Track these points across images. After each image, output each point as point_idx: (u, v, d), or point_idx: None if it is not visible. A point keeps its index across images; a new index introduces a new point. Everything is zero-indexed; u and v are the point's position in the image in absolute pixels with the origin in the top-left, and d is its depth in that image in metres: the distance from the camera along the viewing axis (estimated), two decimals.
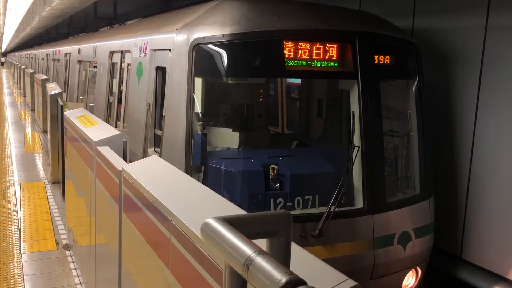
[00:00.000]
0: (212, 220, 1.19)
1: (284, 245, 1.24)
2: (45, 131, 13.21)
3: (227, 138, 4.54)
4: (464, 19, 5.29)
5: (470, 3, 5.21)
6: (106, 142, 3.82)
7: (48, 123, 9.48)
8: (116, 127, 6.83)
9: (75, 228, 5.34)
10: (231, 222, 1.17)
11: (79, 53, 11.49)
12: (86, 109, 6.75)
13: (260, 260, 0.98)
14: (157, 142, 5.11)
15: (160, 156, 4.43)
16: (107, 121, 7.59)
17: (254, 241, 1.12)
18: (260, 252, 1.01)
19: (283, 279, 0.89)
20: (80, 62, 11.55)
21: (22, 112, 18.78)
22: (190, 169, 4.18)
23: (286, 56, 4.18)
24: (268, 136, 5.97)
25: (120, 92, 7.12)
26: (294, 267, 1.22)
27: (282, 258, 1.21)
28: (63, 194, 7.14)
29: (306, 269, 1.47)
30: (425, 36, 5.74)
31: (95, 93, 8.95)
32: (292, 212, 3.05)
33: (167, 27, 5.14)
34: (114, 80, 7.59)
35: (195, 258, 1.89)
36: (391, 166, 4.97)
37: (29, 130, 14.61)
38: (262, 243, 1.21)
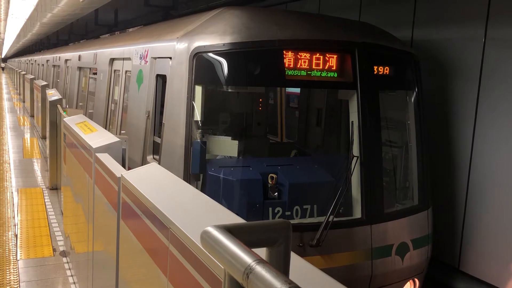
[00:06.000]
0: (212, 228, 1.19)
1: (284, 254, 1.24)
2: (43, 137, 13.21)
3: (226, 146, 4.55)
4: (463, 30, 5.33)
5: (470, 14, 5.25)
6: (105, 149, 3.82)
7: (47, 129, 9.48)
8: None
9: (72, 234, 5.32)
10: (231, 230, 1.18)
11: (79, 59, 11.53)
12: (85, 115, 6.75)
13: (260, 269, 0.98)
14: (156, 149, 5.12)
15: (159, 164, 4.43)
16: (107, 128, 7.59)
17: (253, 249, 1.12)
18: (260, 261, 1.01)
19: None
20: (80, 68, 11.58)
21: (21, 117, 18.78)
22: (189, 177, 4.18)
23: (286, 65, 4.20)
24: (267, 144, 5.98)
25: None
26: (293, 276, 1.22)
27: (281, 267, 1.21)
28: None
29: (305, 279, 1.47)
30: (424, 47, 5.78)
31: (94, 100, 8.97)
32: (291, 222, 3.04)
33: (168, 35, 5.17)
34: (115, 87, 7.61)
35: (193, 267, 1.89)
36: (390, 177, 4.98)
37: (27, 136, 14.60)
38: (261, 252, 1.22)
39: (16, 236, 6.35)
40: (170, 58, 4.74)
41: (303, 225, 4.11)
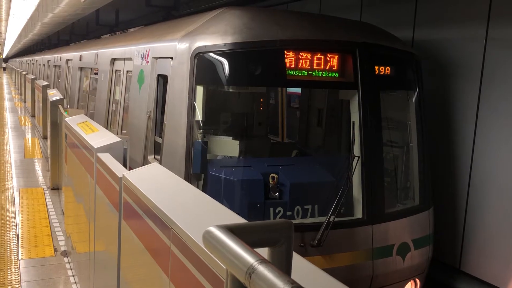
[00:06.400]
0: (214, 228, 1.19)
1: (285, 254, 1.25)
2: (45, 137, 13.22)
3: (227, 146, 4.55)
4: (464, 30, 5.33)
5: (471, 14, 5.25)
6: (107, 148, 3.82)
7: (48, 129, 9.49)
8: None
9: (73, 234, 5.33)
10: (233, 230, 1.18)
11: (80, 59, 11.54)
12: (86, 115, 6.76)
13: (262, 269, 0.98)
14: (157, 149, 5.12)
15: (160, 164, 4.44)
16: (108, 128, 7.60)
17: (255, 249, 1.13)
18: (262, 260, 1.02)
19: (286, 287, 0.90)
20: (81, 69, 11.59)
21: (22, 117, 18.80)
22: (190, 177, 4.18)
23: (287, 65, 4.20)
24: (268, 144, 5.98)
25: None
26: (295, 276, 1.22)
27: (283, 267, 1.21)
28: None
29: (307, 279, 1.48)
30: (425, 47, 5.78)
31: (95, 100, 8.98)
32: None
33: (169, 35, 5.18)
34: (116, 87, 7.62)
35: (195, 267, 1.89)
36: (391, 177, 4.98)
37: (29, 136, 14.61)
38: (263, 252, 1.22)
39: (18, 236, 6.35)
40: (171, 58, 4.74)
41: (304, 225, 4.11)
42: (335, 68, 4.34)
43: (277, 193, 4.26)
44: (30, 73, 28.80)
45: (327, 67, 4.31)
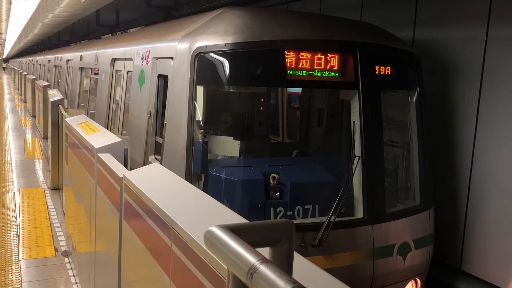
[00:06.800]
0: (216, 228, 1.19)
1: (286, 254, 1.25)
2: (45, 137, 13.23)
3: (227, 146, 4.55)
4: (464, 30, 5.33)
5: (471, 14, 5.25)
6: (107, 149, 3.83)
7: (49, 129, 9.50)
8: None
9: (74, 235, 5.33)
10: (234, 230, 1.18)
11: (80, 60, 11.55)
12: (87, 116, 6.76)
13: (264, 269, 0.98)
14: (158, 149, 5.12)
15: (161, 164, 4.44)
16: (109, 128, 7.60)
17: (257, 249, 1.13)
18: (264, 260, 1.02)
19: (287, 287, 0.90)
20: (81, 69, 11.60)
21: (22, 118, 18.81)
22: (190, 177, 4.19)
23: (288, 65, 4.20)
24: (268, 145, 5.98)
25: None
26: (296, 276, 1.22)
27: (284, 267, 1.22)
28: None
29: (308, 278, 1.48)
30: (425, 47, 5.78)
31: (96, 100, 8.98)
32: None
33: (170, 35, 5.18)
34: (117, 87, 7.62)
35: (196, 267, 1.89)
36: (391, 176, 4.98)
37: (29, 136, 14.62)
38: (264, 251, 1.22)
39: (18, 236, 6.36)
40: (172, 58, 4.74)
41: (305, 225, 4.11)
42: (336, 68, 4.34)
43: (278, 193, 4.26)
44: (31, 74, 28.82)
45: (328, 67, 4.31)
